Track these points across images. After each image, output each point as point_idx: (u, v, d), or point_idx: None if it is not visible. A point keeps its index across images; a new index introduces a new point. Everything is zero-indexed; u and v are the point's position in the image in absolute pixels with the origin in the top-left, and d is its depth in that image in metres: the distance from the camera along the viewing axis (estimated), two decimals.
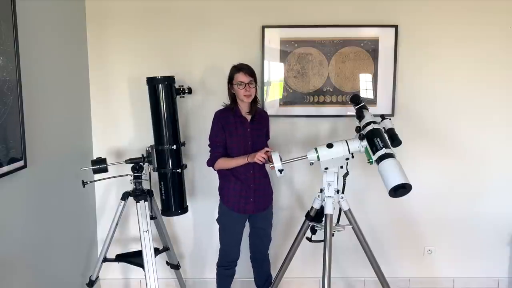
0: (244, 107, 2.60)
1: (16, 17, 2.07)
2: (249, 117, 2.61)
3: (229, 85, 2.58)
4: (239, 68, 2.53)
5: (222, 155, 2.58)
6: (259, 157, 2.45)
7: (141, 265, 2.54)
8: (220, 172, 2.67)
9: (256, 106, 2.63)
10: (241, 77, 2.51)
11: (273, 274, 2.83)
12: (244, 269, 2.85)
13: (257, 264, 2.84)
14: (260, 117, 2.68)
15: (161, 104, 2.65)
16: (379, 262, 2.70)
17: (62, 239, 2.66)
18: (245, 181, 2.60)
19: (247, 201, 2.62)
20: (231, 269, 2.74)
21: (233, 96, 2.58)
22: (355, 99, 2.56)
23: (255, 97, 2.60)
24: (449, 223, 3.16)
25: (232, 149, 2.58)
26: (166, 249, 2.90)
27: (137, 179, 2.65)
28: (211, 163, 2.62)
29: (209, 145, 2.64)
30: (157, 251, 2.75)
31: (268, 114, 2.98)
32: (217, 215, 2.72)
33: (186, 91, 2.72)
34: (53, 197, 2.55)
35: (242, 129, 2.58)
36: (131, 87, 3.05)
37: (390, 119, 2.46)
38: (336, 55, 2.99)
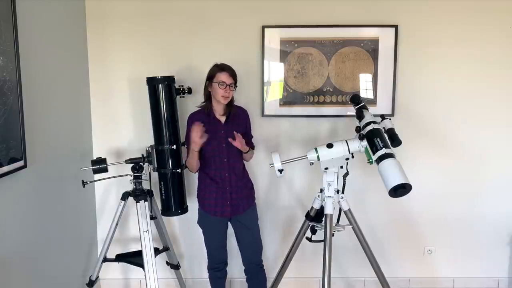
0: (218, 109, 2.56)
1: (16, 17, 2.06)
2: (223, 119, 2.56)
3: (208, 83, 2.53)
4: (222, 67, 2.49)
5: None
6: (194, 135, 2.39)
7: (141, 265, 2.54)
8: (199, 175, 2.65)
9: (231, 108, 2.57)
10: (223, 77, 2.46)
11: (273, 274, 2.82)
12: (242, 270, 2.84)
13: (250, 276, 2.72)
14: (235, 118, 2.60)
15: (161, 104, 2.65)
16: (379, 262, 2.70)
17: (62, 239, 2.66)
18: (221, 184, 2.54)
19: (224, 203, 2.56)
20: (221, 270, 2.71)
21: (208, 96, 2.55)
22: (355, 99, 2.56)
23: (231, 99, 2.55)
24: (449, 223, 3.16)
25: (207, 151, 2.53)
26: (166, 249, 2.90)
27: (137, 179, 2.65)
28: (185, 166, 2.64)
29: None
30: (157, 251, 2.75)
31: (268, 114, 2.99)
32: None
33: (186, 91, 2.72)
34: (53, 197, 2.55)
35: (215, 131, 2.52)
36: (131, 87, 3.05)
37: (390, 119, 2.46)
38: (336, 55, 2.99)
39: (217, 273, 2.71)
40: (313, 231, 2.57)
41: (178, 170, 2.70)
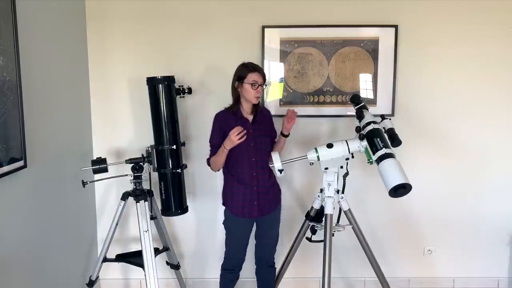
0: (246, 108, 2.54)
1: (16, 17, 2.07)
2: (250, 118, 2.55)
3: (238, 83, 2.48)
4: (254, 67, 2.47)
5: None
6: (233, 137, 2.34)
7: (141, 265, 2.54)
8: (225, 177, 2.63)
9: (258, 106, 2.58)
10: (256, 77, 2.45)
11: None
12: (247, 270, 2.84)
13: (261, 270, 2.74)
14: (262, 117, 2.60)
15: (161, 104, 2.65)
16: (379, 262, 2.70)
17: (62, 239, 2.66)
18: (249, 184, 2.52)
19: (251, 204, 2.54)
20: (235, 273, 2.68)
21: (237, 96, 2.53)
22: (355, 99, 2.56)
23: None
24: (449, 223, 3.16)
25: (235, 151, 2.47)
26: (166, 249, 2.90)
27: (137, 179, 2.66)
28: (208, 163, 2.61)
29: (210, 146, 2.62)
30: (157, 251, 2.75)
31: None
32: (223, 218, 2.65)
33: (186, 91, 2.72)
34: (53, 197, 2.55)
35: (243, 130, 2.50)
36: (131, 87, 3.05)
37: (390, 119, 2.46)
38: (336, 55, 2.99)
39: (230, 275, 2.68)
40: (313, 231, 2.57)
41: (178, 170, 2.70)
